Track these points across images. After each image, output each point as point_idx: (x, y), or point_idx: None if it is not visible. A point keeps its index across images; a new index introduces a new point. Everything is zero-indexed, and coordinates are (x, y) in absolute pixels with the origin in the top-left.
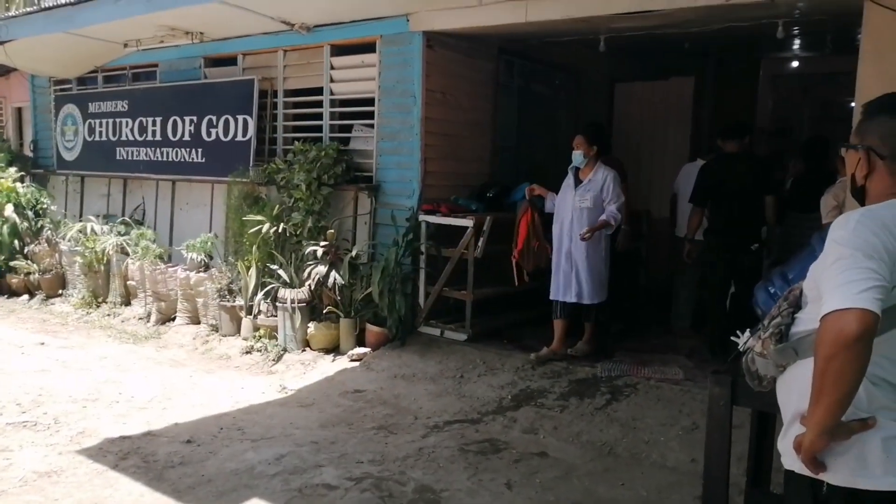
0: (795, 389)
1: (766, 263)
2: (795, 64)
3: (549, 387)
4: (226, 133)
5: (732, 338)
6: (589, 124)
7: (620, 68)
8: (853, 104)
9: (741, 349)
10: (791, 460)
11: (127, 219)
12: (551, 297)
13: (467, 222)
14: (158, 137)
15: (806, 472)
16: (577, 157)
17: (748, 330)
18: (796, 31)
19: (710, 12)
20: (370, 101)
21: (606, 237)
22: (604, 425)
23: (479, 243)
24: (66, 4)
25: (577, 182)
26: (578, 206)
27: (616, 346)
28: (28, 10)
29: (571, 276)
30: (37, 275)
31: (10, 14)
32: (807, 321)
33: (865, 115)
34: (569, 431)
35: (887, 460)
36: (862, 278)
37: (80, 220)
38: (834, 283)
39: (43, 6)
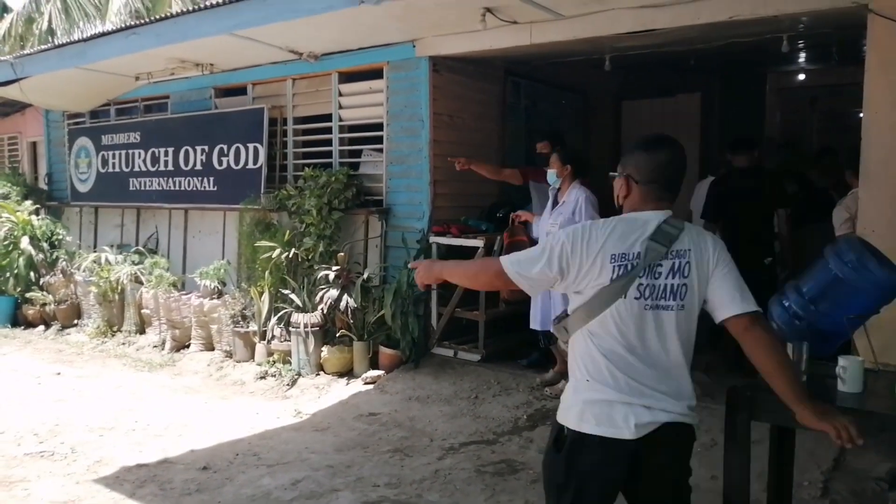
0: (570, 354)
1: (781, 277)
2: (802, 76)
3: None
4: (237, 161)
5: None
6: (562, 145)
7: (627, 86)
8: (861, 115)
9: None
10: (561, 415)
11: (141, 248)
12: (531, 327)
13: (478, 243)
14: (171, 167)
15: (561, 421)
16: (551, 175)
17: None
18: (801, 45)
19: (713, 29)
20: (379, 126)
21: None
22: None
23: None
24: (78, 41)
25: (555, 204)
26: (551, 229)
27: None
28: (42, 47)
29: (549, 303)
30: (52, 305)
31: (25, 52)
32: (573, 307)
33: (626, 151)
34: None
35: (599, 415)
36: (530, 254)
37: (95, 251)
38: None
39: (57, 43)
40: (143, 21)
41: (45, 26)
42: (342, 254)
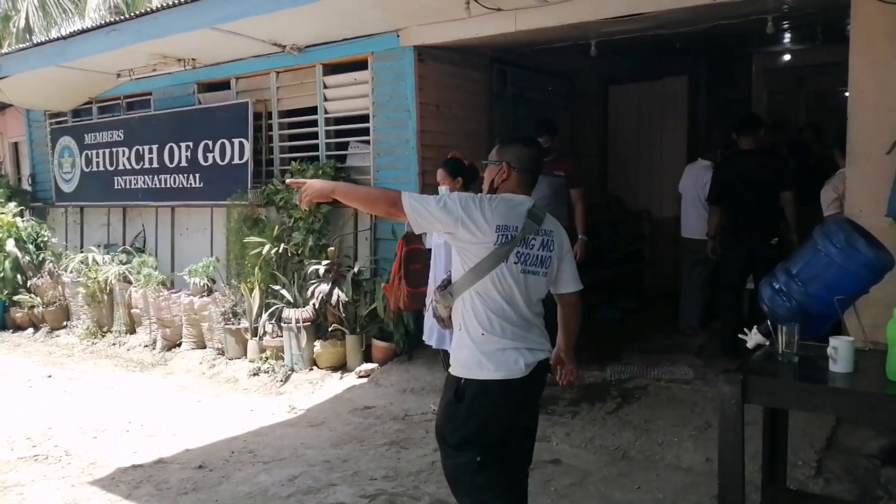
0: (457, 317)
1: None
2: (788, 57)
3: (559, 393)
4: (222, 157)
5: (741, 335)
6: (447, 159)
7: (614, 70)
8: (847, 94)
9: (750, 346)
10: (454, 368)
11: (128, 247)
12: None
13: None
14: (155, 165)
15: (458, 374)
16: (443, 191)
17: (755, 327)
18: (786, 25)
19: (698, 12)
20: (365, 118)
21: None
22: (616, 429)
23: None
24: (57, 39)
25: None
26: (437, 240)
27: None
28: (21, 46)
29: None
30: (41, 308)
31: (3, 51)
32: (456, 275)
33: (502, 142)
34: (581, 437)
35: (497, 361)
36: (429, 199)
37: (82, 251)
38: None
39: (35, 42)
40: (123, 17)
41: (23, 24)
42: (332, 248)
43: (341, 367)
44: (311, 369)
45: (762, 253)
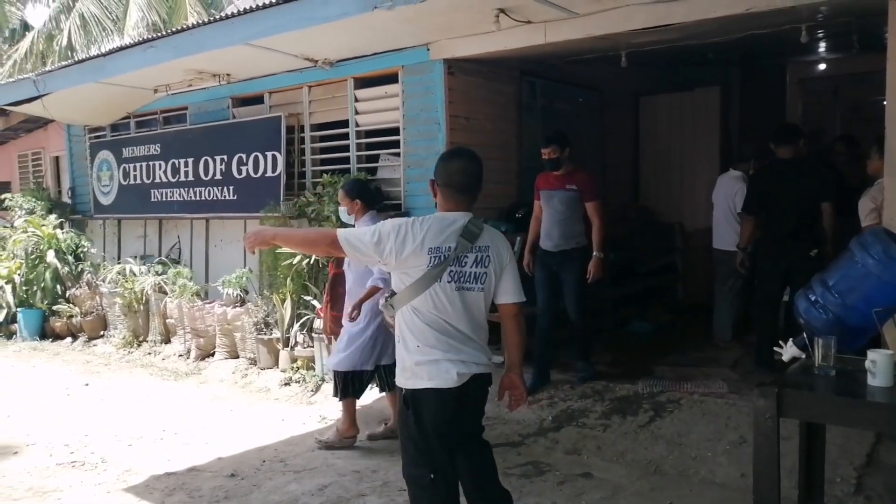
0: (397, 330)
1: None
2: (823, 66)
3: (590, 406)
4: (256, 170)
5: (776, 349)
6: (349, 181)
7: (644, 82)
8: (885, 103)
9: (785, 360)
10: (398, 378)
11: (163, 258)
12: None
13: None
14: (191, 178)
15: (400, 384)
16: (342, 213)
17: (791, 340)
18: (821, 34)
19: (730, 22)
20: (395, 131)
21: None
22: (648, 443)
23: None
24: (97, 56)
25: None
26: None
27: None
28: (63, 63)
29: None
30: (79, 317)
31: (46, 69)
32: (399, 288)
33: (438, 160)
34: (613, 451)
35: (430, 371)
36: (358, 232)
37: (119, 262)
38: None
39: (76, 59)
40: (160, 34)
41: (65, 42)
42: None
43: None
44: None
45: (800, 265)
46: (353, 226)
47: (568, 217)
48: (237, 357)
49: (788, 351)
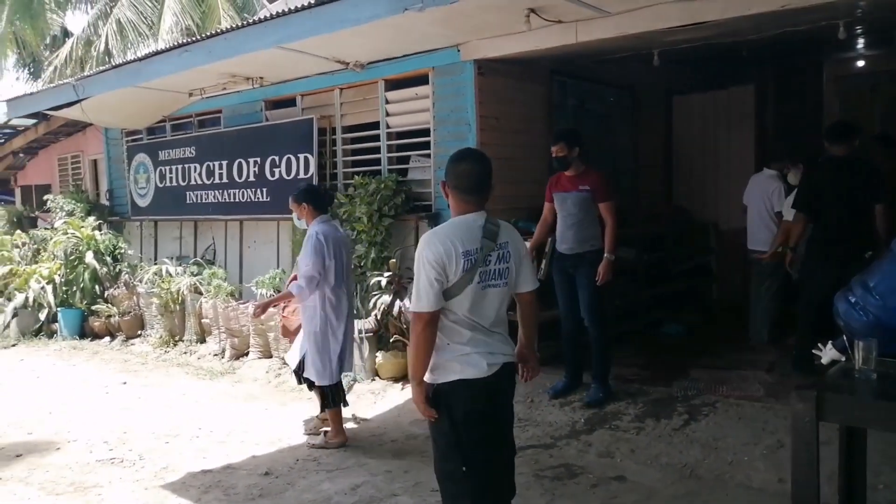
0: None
1: None
2: (861, 63)
3: (623, 409)
4: (288, 172)
5: (814, 351)
6: (302, 189)
7: (677, 80)
8: None
9: (825, 362)
10: (430, 377)
11: (199, 259)
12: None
13: (527, 245)
14: (225, 180)
15: (431, 381)
16: (294, 218)
17: (830, 342)
18: (859, 30)
19: (765, 19)
20: (426, 132)
21: (327, 310)
22: (683, 446)
23: (542, 265)
24: (134, 60)
25: None
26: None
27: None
28: (101, 68)
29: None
30: (117, 317)
31: (85, 74)
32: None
33: (448, 162)
34: (647, 454)
35: (462, 365)
36: (426, 289)
37: (155, 263)
38: (415, 290)
39: (114, 64)
40: (194, 38)
41: (103, 48)
42: (393, 260)
43: (402, 377)
44: (374, 380)
45: (855, 269)
46: (306, 229)
47: (582, 220)
48: (270, 357)
49: (828, 354)
